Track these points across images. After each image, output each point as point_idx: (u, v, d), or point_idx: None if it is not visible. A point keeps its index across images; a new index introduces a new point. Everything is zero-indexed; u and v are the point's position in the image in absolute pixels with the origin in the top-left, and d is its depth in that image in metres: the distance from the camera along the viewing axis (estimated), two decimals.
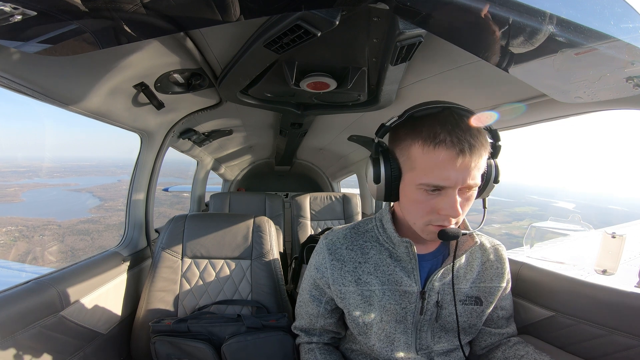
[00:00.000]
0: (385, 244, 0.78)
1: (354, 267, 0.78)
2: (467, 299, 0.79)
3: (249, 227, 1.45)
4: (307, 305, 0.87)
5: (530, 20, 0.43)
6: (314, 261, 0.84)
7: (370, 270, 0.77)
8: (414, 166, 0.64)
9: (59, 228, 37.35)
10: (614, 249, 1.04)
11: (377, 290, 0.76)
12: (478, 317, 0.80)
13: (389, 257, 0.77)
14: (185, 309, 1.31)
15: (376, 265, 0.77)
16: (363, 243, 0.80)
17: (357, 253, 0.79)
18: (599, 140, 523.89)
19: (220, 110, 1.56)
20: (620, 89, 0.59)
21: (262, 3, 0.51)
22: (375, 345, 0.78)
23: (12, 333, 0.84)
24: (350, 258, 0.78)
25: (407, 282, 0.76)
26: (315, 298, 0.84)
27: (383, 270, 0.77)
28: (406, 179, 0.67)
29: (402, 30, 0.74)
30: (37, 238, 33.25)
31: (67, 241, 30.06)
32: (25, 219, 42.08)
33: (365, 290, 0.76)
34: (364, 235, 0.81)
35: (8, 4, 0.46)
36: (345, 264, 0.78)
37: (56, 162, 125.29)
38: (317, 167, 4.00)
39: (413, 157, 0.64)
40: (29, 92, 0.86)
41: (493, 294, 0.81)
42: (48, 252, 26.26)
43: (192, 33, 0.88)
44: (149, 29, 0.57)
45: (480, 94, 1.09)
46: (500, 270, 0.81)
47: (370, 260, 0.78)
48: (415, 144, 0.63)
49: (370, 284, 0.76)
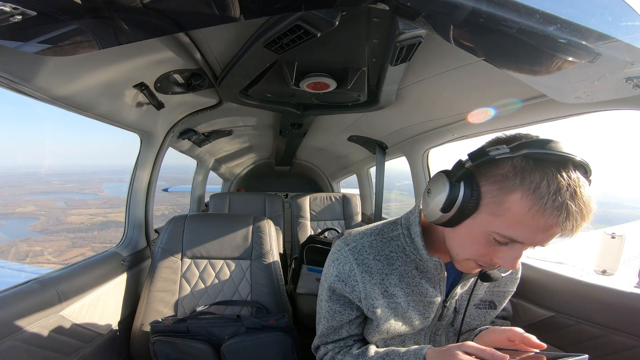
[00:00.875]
0: (412, 255, 0.72)
1: (380, 279, 0.72)
2: (481, 303, 0.79)
3: (248, 228, 1.45)
4: (334, 317, 0.78)
5: (530, 21, 0.43)
6: (335, 271, 0.74)
7: (396, 282, 0.72)
8: (502, 214, 0.53)
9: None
10: (614, 250, 1.04)
11: (403, 302, 0.73)
12: (490, 319, 0.81)
13: (414, 268, 0.73)
14: (184, 309, 1.31)
15: (401, 276, 0.73)
16: (389, 253, 0.73)
17: (384, 264, 0.73)
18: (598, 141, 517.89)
19: (220, 111, 1.56)
20: (620, 89, 0.59)
21: (262, 3, 0.51)
22: (386, 342, 0.78)
23: (12, 333, 0.84)
24: (377, 269, 0.72)
25: (432, 293, 0.73)
26: (345, 307, 0.77)
27: (408, 281, 0.73)
28: (481, 219, 0.56)
29: (402, 30, 0.74)
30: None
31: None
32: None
33: (391, 303, 0.73)
34: (390, 243, 0.74)
35: (8, 4, 0.46)
36: (373, 276, 0.72)
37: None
38: (317, 168, 4.00)
39: (507, 207, 0.52)
40: (29, 92, 0.86)
41: (505, 298, 0.81)
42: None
43: (192, 33, 0.88)
44: (149, 29, 0.57)
45: (480, 94, 1.09)
46: (515, 276, 0.81)
47: (395, 271, 0.73)
48: (521, 195, 0.50)
49: (396, 296, 0.72)
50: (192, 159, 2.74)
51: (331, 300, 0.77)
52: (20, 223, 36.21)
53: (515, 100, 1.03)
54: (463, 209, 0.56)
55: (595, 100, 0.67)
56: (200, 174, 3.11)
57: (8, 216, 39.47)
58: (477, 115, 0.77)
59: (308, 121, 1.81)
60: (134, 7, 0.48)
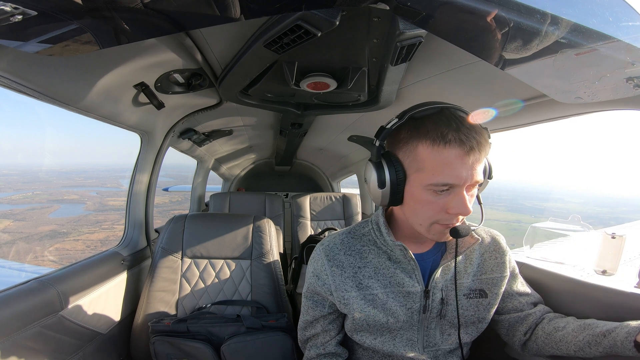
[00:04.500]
0: (382, 247, 0.78)
1: (353, 272, 0.77)
2: (470, 292, 0.78)
3: (248, 227, 1.45)
4: (308, 312, 0.86)
5: (530, 21, 0.43)
6: (312, 268, 0.83)
7: (371, 274, 0.77)
8: (421, 167, 0.63)
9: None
10: (614, 250, 1.03)
11: (380, 294, 0.76)
12: (485, 309, 0.80)
13: (387, 259, 0.77)
14: (184, 309, 1.31)
15: (376, 268, 0.77)
16: (361, 247, 0.79)
17: (356, 258, 0.78)
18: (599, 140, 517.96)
19: (220, 110, 1.56)
20: (620, 89, 0.59)
21: (262, 3, 0.51)
22: (377, 340, 0.78)
23: (11, 333, 0.84)
24: (349, 263, 0.78)
25: (409, 282, 0.76)
26: (317, 303, 0.83)
27: (383, 273, 0.77)
28: (412, 180, 0.66)
29: (402, 30, 0.74)
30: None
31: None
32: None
33: (367, 295, 0.76)
34: (361, 239, 0.81)
35: (8, 4, 0.46)
36: (344, 270, 0.77)
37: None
38: (317, 167, 4.00)
39: (420, 158, 0.63)
40: (29, 92, 0.86)
41: (497, 285, 0.80)
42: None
43: (192, 33, 0.88)
44: (149, 29, 0.57)
45: (480, 94, 1.09)
46: (501, 260, 0.81)
47: (369, 265, 0.77)
48: (422, 144, 0.62)
49: (372, 288, 0.76)
50: (193, 158, 2.74)
51: (306, 297, 0.85)
52: (74, 206, 47.27)
53: (515, 100, 1.03)
54: (394, 179, 0.66)
55: (596, 100, 0.67)
56: (200, 174, 3.11)
57: (60, 202, 51.44)
58: (478, 116, 0.79)
59: (308, 121, 1.81)
60: (134, 7, 0.48)
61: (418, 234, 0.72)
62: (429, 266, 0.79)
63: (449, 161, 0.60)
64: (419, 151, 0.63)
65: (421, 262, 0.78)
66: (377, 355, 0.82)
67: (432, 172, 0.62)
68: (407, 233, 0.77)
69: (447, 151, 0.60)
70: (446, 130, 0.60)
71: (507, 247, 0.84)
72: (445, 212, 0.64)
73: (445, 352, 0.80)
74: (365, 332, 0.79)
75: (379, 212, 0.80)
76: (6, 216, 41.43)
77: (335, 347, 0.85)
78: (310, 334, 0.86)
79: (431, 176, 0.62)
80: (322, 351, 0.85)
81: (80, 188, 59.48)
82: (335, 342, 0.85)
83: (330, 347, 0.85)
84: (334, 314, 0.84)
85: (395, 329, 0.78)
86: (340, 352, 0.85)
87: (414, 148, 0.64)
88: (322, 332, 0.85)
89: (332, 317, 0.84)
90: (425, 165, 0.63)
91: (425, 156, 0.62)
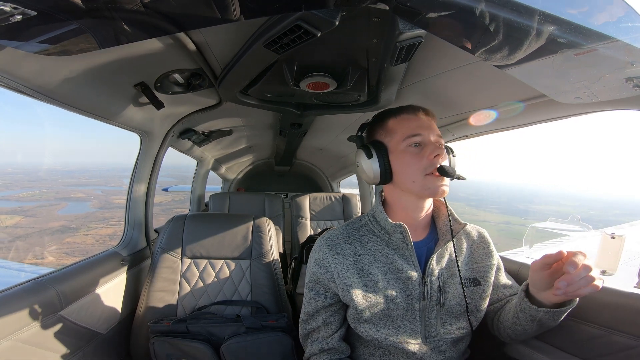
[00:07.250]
0: (380, 235, 0.83)
1: (354, 259, 0.81)
2: (465, 281, 0.83)
3: (248, 228, 1.45)
4: (310, 303, 0.86)
5: (530, 21, 0.44)
6: (313, 259, 0.86)
7: (371, 261, 0.81)
8: (393, 132, 0.82)
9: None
10: (614, 250, 1.03)
11: (381, 280, 0.79)
12: (480, 298, 0.83)
13: (386, 246, 0.82)
14: (184, 309, 1.31)
15: (375, 255, 0.82)
16: (360, 236, 0.85)
17: (356, 246, 0.83)
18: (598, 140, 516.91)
19: (220, 110, 1.56)
20: (620, 89, 0.59)
21: (262, 3, 0.51)
22: (380, 331, 0.79)
23: (11, 333, 0.84)
24: (350, 251, 0.82)
25: (406, 267, 0.80)
26: (319, 293, 0.85)
27: (383, 259, 0.81)
28: (392, 147, 0.81)
29: (402, 30, 0.74)
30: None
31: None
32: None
33: (369, 281, 0.79)
34: (360, 230, 0.87)
35: (8, 4, 0.46)
36: (346, 257, 0.82)
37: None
38: (317, 168, 3.99)
39: (390, 127, 0.83)
40: (29, 92, 0.86)
41: (487, 273, 0.86)
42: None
43: (192, 33, 0.88)
44: (149, 29, 0.57)
45: (480, 94, 1.09)
46: (487, 250, 0.89)
47: (369, 252, 0.82)
48: (389, 118, 0.84)
49: (373, 274, 0.80)
50: (192, 158, 2.74)
51: (308, 288, 0.88)
52: (81, 204, 49.23)
53: (515, 101, 1.03)
54: (378, 150, 0.82)
55: (595, 101, 0.67)
56: (200, 174, 3.11)
57: (67, 200, 52.45)
58: (479, 118, 0.81)
59: (308, 121, 1.81)
60: (134, 7, 0.48)
61: (410, 222, 0.81)
62: (424, 254, 0.83)
63: (408, 119, 0.81)
64: (388, 123, 0.84)
65: (416, 249, 0.82)
66: (378, 351, 0.82)
67: (401, 131, 0.80)
68: (401, 219, 0.83)
69: (405, 114, 0.82)
70: (402, 108, 0.84)
71: (490, 239, 0.92)
72: (426, 158, 0.76)
73: (447, 342, 0.81)
74: (368, 323, 0.80)
75: (375, 204, 0.88)
76: (17, 212, 42.60)
77: (338, 343, 0.85)
78: (312, 327, 0.87)
79: (402, 134, 0.80)
80: (325, 346, 0.85)
81: (85, 187, 61.13)
82: (338, 337, 0.86)
83: (333, 342, 0.85)
84: (335, 306, 0.85)
85: (397, 319, 0.79)
86: (343, 348, 0.86)
87: (384, 124, 0.84)
88: (324, 325, 0.85)
89: (334, 308, 0.85)
90: (396, 129, 0.82)
91: (393, 124, 0.83)
